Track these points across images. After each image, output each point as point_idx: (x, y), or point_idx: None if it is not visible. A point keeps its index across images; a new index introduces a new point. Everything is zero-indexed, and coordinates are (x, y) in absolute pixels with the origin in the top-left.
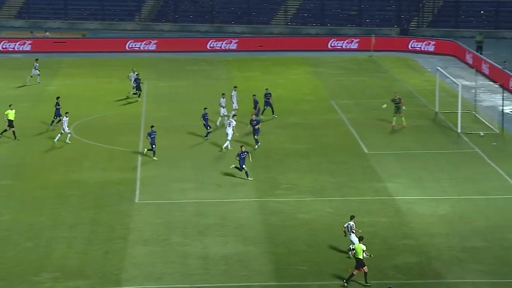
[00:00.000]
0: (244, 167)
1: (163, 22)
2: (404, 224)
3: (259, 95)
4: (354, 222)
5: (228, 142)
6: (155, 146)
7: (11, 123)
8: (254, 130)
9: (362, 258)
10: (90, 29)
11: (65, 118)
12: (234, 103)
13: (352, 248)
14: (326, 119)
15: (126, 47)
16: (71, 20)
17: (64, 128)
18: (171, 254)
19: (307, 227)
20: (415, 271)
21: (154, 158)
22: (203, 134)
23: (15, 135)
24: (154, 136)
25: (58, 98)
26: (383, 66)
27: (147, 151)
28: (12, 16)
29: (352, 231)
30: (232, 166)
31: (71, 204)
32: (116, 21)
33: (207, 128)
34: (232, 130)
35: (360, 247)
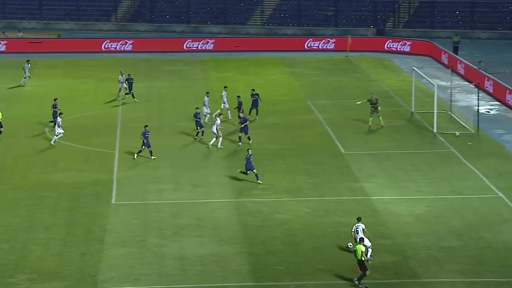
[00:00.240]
0: (254, 170)
1: (140, 22)
2: (381, 224)
3: (244, 96)
4: (363, 223)
5: (215, 139)
6: (150, 146)
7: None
8: (241, 128)
9: (362, 259)
10: (65, 29)
11: (59, 119)
12: (225, 103)
13: (350, 245)
14: (303, 119)
15: (102, 48)
16: (46, 20)
17: (57, 129)
18: (148, 255)
19: (284, 227)
20: (392, 270)
21: (153, 157)
22: (182, 134)
23: None
24: (148, 136)
25: (56, 100)
26: (360, 67)
27: (137, 155)
28: None
29: (364, 234)
30: (239, 171)
31: (47, 206)
32: (92, 21)
33: (197, 128)
34: (216, 129)
35: (360, 248)
